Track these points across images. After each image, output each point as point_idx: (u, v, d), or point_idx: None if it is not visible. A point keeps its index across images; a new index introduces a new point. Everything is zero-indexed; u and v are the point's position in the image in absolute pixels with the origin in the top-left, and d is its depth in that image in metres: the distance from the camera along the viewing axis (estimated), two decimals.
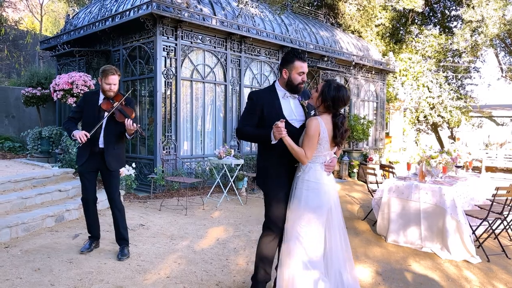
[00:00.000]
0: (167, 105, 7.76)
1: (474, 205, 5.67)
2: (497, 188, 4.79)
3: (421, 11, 15.65)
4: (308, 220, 2.98)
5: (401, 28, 17.12)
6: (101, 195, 5.09)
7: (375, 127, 13.59)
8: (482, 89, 48.02)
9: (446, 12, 17.60)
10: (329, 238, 3.09)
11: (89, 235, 4.24)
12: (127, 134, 3.91)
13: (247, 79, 9.29)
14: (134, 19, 7.48)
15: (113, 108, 3.88)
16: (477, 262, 4.61)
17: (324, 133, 2.98)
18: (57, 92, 7.65)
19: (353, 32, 14.76)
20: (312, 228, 2.99)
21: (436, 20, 17.91)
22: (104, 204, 5.73)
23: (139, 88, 8.40)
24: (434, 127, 17.66)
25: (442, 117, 15.60)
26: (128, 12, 7.75)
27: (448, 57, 16.24)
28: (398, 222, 5.26)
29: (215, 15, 8.40)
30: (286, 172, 3.13)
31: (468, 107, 16.11)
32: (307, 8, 13.42)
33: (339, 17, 14.52)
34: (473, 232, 4.97)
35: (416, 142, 16.57)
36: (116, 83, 3.98)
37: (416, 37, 16.53)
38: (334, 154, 3.16)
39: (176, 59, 7.81)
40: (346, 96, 3.03)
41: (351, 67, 12.20)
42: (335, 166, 10.80)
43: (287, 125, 2.97)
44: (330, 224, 3.09)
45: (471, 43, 13.93)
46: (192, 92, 8.25)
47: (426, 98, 15.41)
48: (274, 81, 3.25)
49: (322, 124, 2.99)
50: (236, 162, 7.18)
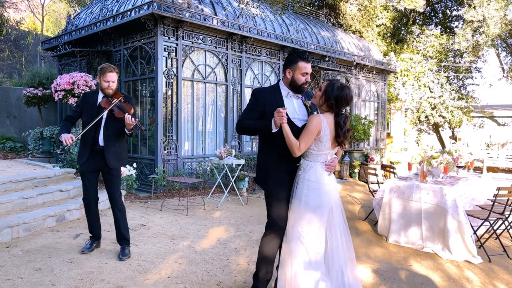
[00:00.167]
0: (168, 105, 7.77)
1: (476, 205, 5.67)
2: (499, 189, 4.78)
3: (422, 11, 15.63)
4: (309, 220, 2.98)
5: (402, 28, 17.11)
6: (102, 195, 5.10)
7: (376, 127, 13.58)
8: (484, 89, 47.94)
9: (448, 12, 17.58)
10: (330, 238, 3.09)
11: (90, 235, 4.24)
12: (126, 130, 3.88)
13: (248, 79, 9.29)
14: (135, 19, 7.49)
15: (111, 105, 3.89)
16: (478, 262, 4.60)
17: (325, 131, 2.98)
18: (58, 92, 7.66)
19: (354, 32, 14.75)
20: (313, 228, 2.99)
21: (438, 20, 17.89)
22: (105, 204, 5.74)
23: (140, 88, 8.41)
24: (436, 127, 17.64)
25: (444, 117, 15.58)
26: (129, 12, 7.76)
27: (449, 57, 16.22)
28: (399, 222, 5.26)
29: (216, 15, 8.41)
30: (287, 171, 3.13)
31: (470, 107, 16.09)
32: (308, 8, 13.42)
33: (340, 17, 14.52)
34: (475, 233, 4.96)
35: (417, 142, 16.56)
36: (114, 80, 3.99)
37: (417, 37, 16.51)
38: (335, 154, 3.16)
39: (177, 59, 7.82)
40: (350, 95, 3.05)
41: (352, 67, 12.19)
42: (336, 167, 10.83)
43: (289, 124, 2.98)
44: (331, 224, 3.09)
45: (473, 43, 13.90)
46: (193, 92, 8.25)
47: (428, 98, 15.39)
48: (278, 81, 3.27)
49: (324, 122, 2.99)
50: (237, 162, 7.18)
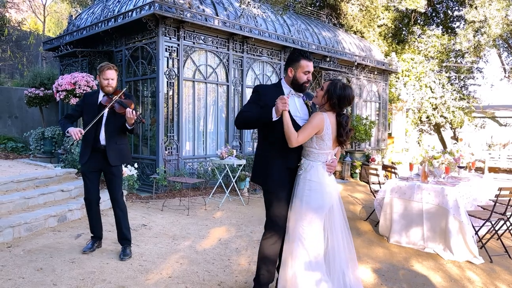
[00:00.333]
0: (170, 106, 7.77)
1: (477, 205, 5.66)
2: (500, 189, 4.77)
3: (424, 11, 15.62)
4: (309, 221, 2.97)
5: (404, 29, 17.10)
6: (103, 195, 5.09)
7: (377, 127, 13.57)
8: (485, 90, 47.84)
9: (449, 12, 17.57)
10: (331, 239, 3.08)
11: (92, 235, 4.25)
12: (127, 125, 3.89)
13: (249, 79, 9.29)
14: (137, 20, 7.50)
15: (112, 101, 3.90)
16: (480, 262, 4.59)
17: (328, 129, 2.98)
18: (60, 92, 7.67)
19: (355, 33, 14.75)
20: (314, 229, 2.98)
21: (439, 21, 17.88)
22: (106, 204, 5.74)
23: (142, 89, 8.42)
24: (437, 127, 17.61)
25: (445, 117, 15.56)
26: (130, 13, 7.77)
27: (450, 58, 16.21)
28: (400, 222, 5.25)
29: (217, 16, 8.41)
30: (287, 170, 3.10)
31: (471, 107, 16.07)
32: (309, 8, 13.43)
33: (342, 17, 14.52)
34: (476, 233, 4.96)
35: (418, 143, 16.55)
36: (114, 77, 4.00)
37: (418, 37, 16.50)
38: (334, 155, 3.15)
39: (179, 60, 7.82)
40: (352, 95, 3.06)
41: (353, 68, 12.19)
42: (337, 167, 10.83)
43: (291, 122, 2.96)
44: (332, 225, 3.08)
45: (474, 44, 13.88)
46: (194, 93, 8.26)
47: (429, 98, 15.38)
48: (280, 79, 3.27)
49: (327, 120, 2.99)
50: (238, 162, 7.18)
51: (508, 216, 5.00)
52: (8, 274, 3.47)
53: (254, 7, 9.41)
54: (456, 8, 17.21)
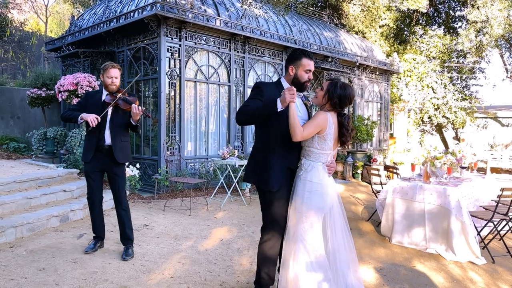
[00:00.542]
0: (171, 106, 7.78)
1: (479, 206, 5.65)
2: (502, 189, 4.76)
3: (426, 11, 15.60)
4: (310, 223, 2.96)
5: (406, 29, 17.08)
6: (105, 195, 5.10)
7: (379, 128, 13.55)
8: (487, 90, 47.82)
9: (451, 12, 17.55)
10: (332, 240, 3.07)
11: (94, 235, 4.25)
12: (132, 121, 3.94)
13: (251, 79, 9.29)
14: (139, 20, 7.51)
15: (116, 99, 3.91)
16: (482, 263, 4.58)
17: (330, 129, 2.97)
18: (62, 93, 7.69)
19: (357, 33, 14.74)
20: (315, 230, 2.97)
21: (441, 21, 17.86)
22: (108, 204, 5.75)
23: (143, 89, 8.43)
24: (439, 128, 17.58)
25: (447, 118, 15.54)
26: (132, 13, 7.78)
27: (452, 58, 16.19)
28: (402, 223, 5.24)
29: (219, 16, 8.42)
30: (287, 169, 3.06)
31: (473, 108, 16.04)
32: (311, 9, 13.43)
33: (343, 18, 14.51)
34: (478, 233, 4.94)
35: (420, 143, 16.52)
36: (117, 76, 4.02)
37: (420, 37, 16.48)
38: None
39: (180, 60, 7.83)
40: (352, 94, 3.05)
41: (355, 68, 12.18)
42: (338, 167, 10.83)
43: None
44: (333, 226, 3.07)
45: (476, 44, 13.86)
46: (196, 93, 8.26)
47: (431, 99, 15.36)
48: (279, 78, 3.22)
49: (331, 120, 2.98)
50: (239, 162, 7.18)
51: (511, 217, 4.99)
52: (11, 274, 3.48)
53: (256, 8, 9.42)
54: (458, 8, 17.19)
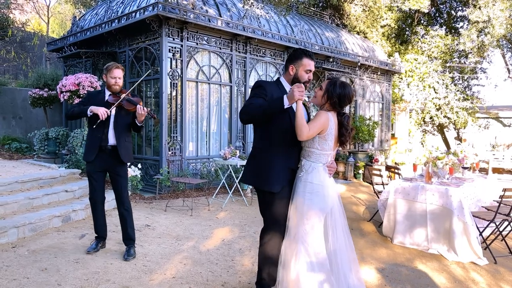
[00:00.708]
0: (173, 106, 7.79)
1: (481, 206, 5.64)
2: (504, 190, 4.76)
3: (427, 11, 15.57)
4: (311, 225, 2.95)
5: (407, 29, 17.05)
6: (107, 196, 5.11)
7: (380, 128, 13.54)
8: (489, 90, 47.68)
9: (452, 12, 17.51)
10: (333, 240, 3.06)
11: (96, 235, 4.26)
12: (137, 122, 3.94)
13: (252, 80, 9.29)
14: (140, 21, 7.52)
15: (120, 99, 3.91)
16: (484, 263, 4.57)
17: (331, 129, 2.96)
18: (64, 93, 7.71)
19: (358, 33, 14.73)
20: (316, 231, 2.97)
21: (442, 21, 17.82)
22: (110, 205, 5.76)
23: (145, 89, 8.44)
24: (440, 128, 17.56)
25: (449, 118, 15.52)
26: (134, 14, 7.79)
27: (454, 58, 16.16)
28: (404, 223, 5.24)
29: (221, 16, 8.42)
30: (288, 170, 3.04)
31: (475, 108, 16.01)
32: (313, 9, 13.42)
33: (345, 18, 14.51)
34: (480, 234, 4.93)
35: (422, 143, 16.50)
36: (120, 76, 4.03)
37: (422, 37, 16.45)
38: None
39: (182, 60, 7.84)
40: (351, 93, 3.04)
41: (356, 68, 12.17)
42: (340, 167, 10.81)
43: (291, 121, 2.92)
44: (334, 226, 3.06)
45: (478, 44, 13.84)
46: (198, 93, 8.27)
47: (432, 99, 15.33)
48: (278, 78, 3.19)
49: (332, 120, 2.97)
50: (241, 163, 7.18)
51: None
52: (13, 274, 3.48)
53: (257, 8, 9.42)
54: (460, 8, 17.15)
